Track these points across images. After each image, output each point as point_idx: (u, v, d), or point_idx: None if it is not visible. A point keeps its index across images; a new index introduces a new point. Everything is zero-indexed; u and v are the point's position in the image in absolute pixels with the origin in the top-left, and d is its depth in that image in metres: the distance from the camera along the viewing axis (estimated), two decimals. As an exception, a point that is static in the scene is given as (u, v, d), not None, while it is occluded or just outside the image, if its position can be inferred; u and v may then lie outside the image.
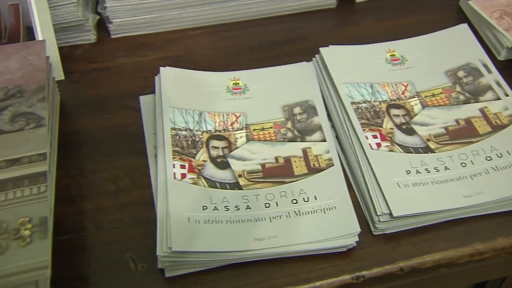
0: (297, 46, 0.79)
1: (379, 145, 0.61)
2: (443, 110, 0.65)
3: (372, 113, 0.65)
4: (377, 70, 0.70)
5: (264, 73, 0.71)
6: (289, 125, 0.65)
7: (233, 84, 0.70)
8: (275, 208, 0.57)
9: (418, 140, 0.62)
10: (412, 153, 0.61)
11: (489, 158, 0.60)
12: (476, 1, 0.77)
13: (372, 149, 0.61)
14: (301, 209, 0.57)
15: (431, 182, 0.58)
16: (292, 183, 0.59)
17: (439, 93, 0.67)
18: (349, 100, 0.66)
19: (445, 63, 0.71)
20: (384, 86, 0.68)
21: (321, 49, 0.72)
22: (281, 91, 0.69)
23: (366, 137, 0.62)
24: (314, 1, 0.83)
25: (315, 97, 0.68)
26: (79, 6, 0.75)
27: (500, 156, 0.60)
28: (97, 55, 0.78)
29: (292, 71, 0.71)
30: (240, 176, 0.60)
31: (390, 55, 0.72)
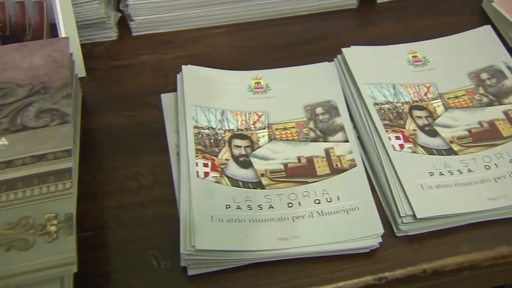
0: (317, 46, 0.79)
1: (402, 146, 0.61)
2: (466, 112, 0.65)
3: (394, 114, 0.65)
4: (399, 71, 0.70)
5: (285, 72, 0.71)
6: (311, 125, 0.65)
7: (255, 83, 0.70)
8: (298, 208, 0.57)
9: (441, 142, 0.62)
10: (435, 155, 0.61)
11: (513, 161, 0.60)
12: (500, 2, 0.76)
13: (395, 150, 0.61)
14: (324, 209, 0.57)
15: (454, 184, 0.58)
16: (314, 183, 0.59)
17: (462, 95, 0.67)
18: (371, 101, 0.65)
19: (468, 65, 0.70)
20: (407, 87, 0.68)
21: (343, 50, 0.72)
22: (302, 91, 0.69)
23: (389, 138, 0.62)
24: (335, 1, 0.83)
25: (337, 97, 0.68)
26: (101, 4, 0.75)
27: (524, 159, 0.60)
28: (118, 52, 0.79)
29: (313, 71, 0.71)
30: (262, 175, 0.60)
31: (412, 56, 0.72)
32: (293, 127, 0.65)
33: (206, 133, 0.63)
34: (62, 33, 0.71)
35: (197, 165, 0.59)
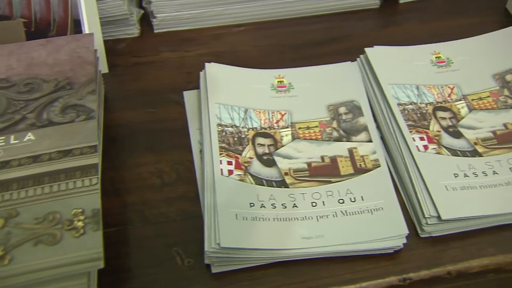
0: (339, 45, 0.78)
1: (426, 147, 0.61)
2: (490, 114, 0.65)
3: (418, 115, 0.64)
4: (422, 72, 0.70)
5: (308, 72, 0.71)
6: (335, 124, 0.65)
7: (278, 82, 0.69)
8: (321, 208, 0.57)
9: (465, 144, 0.62)
10: (460, 156, 0.60)
11: (538, 164, 0.60)
12: (525, 4, 0.76)
13: (419, 151, 0.60)
14: (348, 209, 0.57)
15: (479, 186, 0.58)
16: (338, 183, 0.59)
17: (486, 96, 0.67)
18: (395, 102, 0.65)
19: (492, 66, 0.70)
20: (430, 88, 0.68)
21: (366, 50, 0.72)
22: (325, 90, 0.69)
23: (413, 139, 0.62)
24: (357, 1, 0.83)
25: (360, 97, 0.67)
26: (125, 0, 0.76)
27: (550, 162, 0.60)
28: (140, 49, 0.79)
29: (336, 70, 0.71)
30: (286, 174, 0.60)
31: (436, 57, 0.71)
32: (316, 126, 0.65)
33: (230, 131, 0.63)
34: (86, 29, 0.71)
35: (221, 163, 0.59)
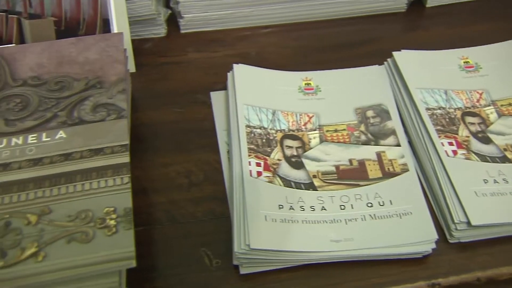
0: (365, 49, 0.78)
1: (455, 152, 0.61)
2: (520, 120, 0.65)
3: (447, 119, 0.64)
4: (450, 77, 0.69)
5: (335, 74, 0.71)
6: (363, 128, 0.65)
7: (305, 84, 0.70)
8: (350, 211, 0.57)
9: (495, 149, 0.62)
10: (489, 162, 0.60)
11: None
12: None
13: (448, 156, 0.60)
14: (376, 213, 0.57)
15: (509, 192, 0.57)
16: (366, 186, 0.59)
17: (516, 102, 0.67)
18: (423, 106, 0.65)
19: (523, 72, 0.70)
20: (459, 93, 0.67)
21: (394, 53, 0.71)
22: (353, 93, 0.69)
23: (442, 143, 0.61)
24: (384, 4, 0.83)
25: (388, 101, 0.67)
26: (153, 0, 0.76)
27: None
28: (166, 49, 0.79)
29: (363, 73, 0.71)
30: (314, 176, 0.60)
31: (464, 62, 0.71)
32: (344, 129, 0.65)
33: (258, 132, 0.63)
34: (115, 28, 0.72)
35: (249, 164, 0.59)
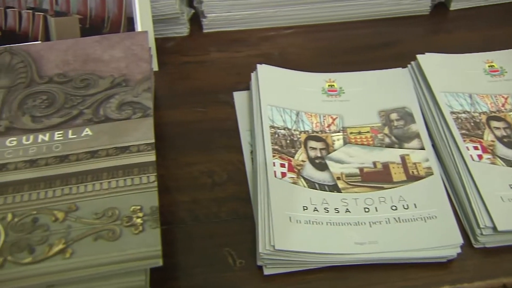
0: (389, 51, 0.78)
1: (480, 157, 0.60)
2: (546, 126, 0.64)
3: (472, 124, 0.64)
4: (475, 81, 0.69)
5: (359, 76, 0.71)
6: (386, 130, 0.64)
7: (329, 85, 0.69)
8: (374, 213, 0.57)
9: (521, 155, 0.61)
10: (515, 167, 0.60)
11: None
12: None
13: (473, 160, 0.60)
14: (401, 216, 0.56)
15: (536, 198, 0.57)
16: (391, 189, 0.59)
17: (541, 107, 0.66)
18: (448, 110, 0.65)
19: (548, 76, 0.69)
20: (483, 97, 0.67)
21: (418, 56, 0.71)
22: (377, 95, 0.68)
23: (467, 148, 0.61)
24: (407, 7, 0.82)
25: (412, 104, 0.67)
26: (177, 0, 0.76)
27: None
28: (189, 48, 0.79)
29: (387, 76, 0.71)
30: (338, 178, 0.60)
31: (489, 66, 0.71)
32: (368, 131, 0.64)
33: (282, 133, 0.63)
34: (139, 27, 0.72)
35: (274, 165, 0.59)
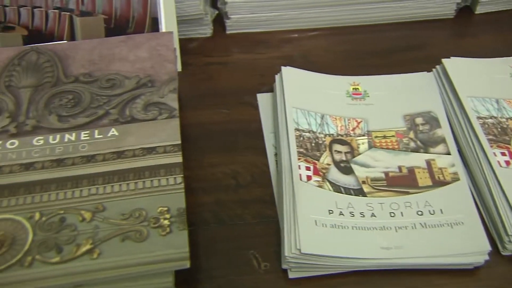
0: (413, 54, 0.78)
1: (508, 163, 0.60)
2: None
3: (499, 129, 0.63)
4: (502, 86, 0.68)
5: (384, 80, 0.70)
6: (412, 135, 0.64)
7: (353, 89, 0.69)
8: (400, 218, 0.56)
9: (548, 161, 0.61)
10: (543, 174, 0.59)
11: None
12: None
13: (501, 166, 0.59)
14: (427, 221, 0.56)
15: None
16: (416, 194, 0.58)
17: None
18: (474, 115, 0.64)
19: None
20: (510, 102, 0.66)
21: (443, 60, 0.70)
22: (402, 99, 0.68)
23: (494, 154, 0.60)
24: (432, 10, 0.82)
25: (437, 108, 0.67)
26: (201, 0, 0.76)
27: None
28: (212, 49, 0.79)
29: (412, 80, 0.70)
30: (363, 182, 0.59)
31: (516, 71, 0.70)
32: (393, 136, 0.64)
33: (307, 136, 0.63)
34: (163, 27, 0.72)
35: (299, 168, 0.59)
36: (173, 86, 0.61)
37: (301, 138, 0.62)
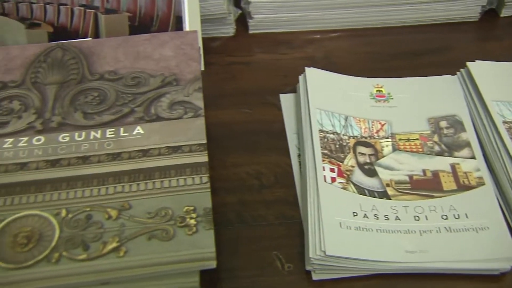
0: (436, 57, 0.77)
1: (533, 168, 0.59)
2: None
3: (525, 134, 0.63)
4: (528, 90, 0.68)
5: (407, 82, 0.70)
6: (436, 138, 0.64)
7: (377, 91, 0.69)
8: (424, 222, 0.56)
9: None
10: None
11: None
12: None
13: (527, 172, 0.59)
14: (452, 226, 0.56)
15: None
16: (441, 198, 0.58)
17: None
18: (500, 119, 0.64)
19: None
20: (537, 107, 0.66)
21: (468, 64, 0.70)
22: (426, 102, 0.68)
23: (520, 158, 0.60)
24: (456, 13, 0.81)
25: (462, 112, 0.66)
26: (225, 0, 0.76)
27: None
28: (234, 49, 0.79)
29: (436, 83, 0.70)
30: (388, 185, 0.59)
31: (542, 76, 0.70)
32: (417, 139, 0.64)
33: (331, 137, 0.62)
34: (187, 26, 0.72)
35: (323, 170, 0.59)
36: (198, 85, 0.61)
37: (325, 140, 0.62)
